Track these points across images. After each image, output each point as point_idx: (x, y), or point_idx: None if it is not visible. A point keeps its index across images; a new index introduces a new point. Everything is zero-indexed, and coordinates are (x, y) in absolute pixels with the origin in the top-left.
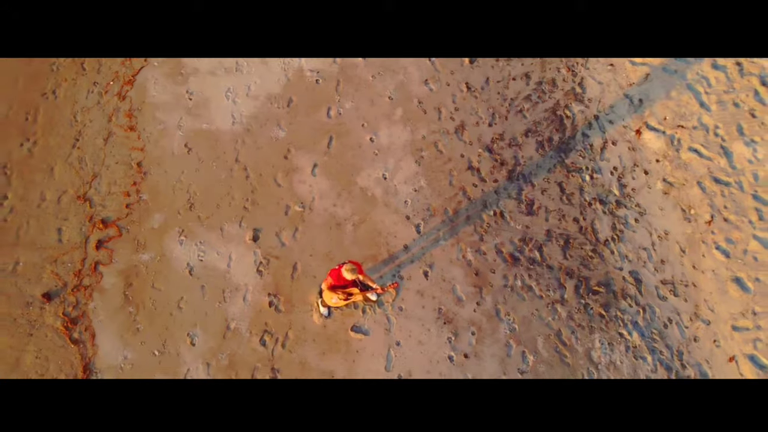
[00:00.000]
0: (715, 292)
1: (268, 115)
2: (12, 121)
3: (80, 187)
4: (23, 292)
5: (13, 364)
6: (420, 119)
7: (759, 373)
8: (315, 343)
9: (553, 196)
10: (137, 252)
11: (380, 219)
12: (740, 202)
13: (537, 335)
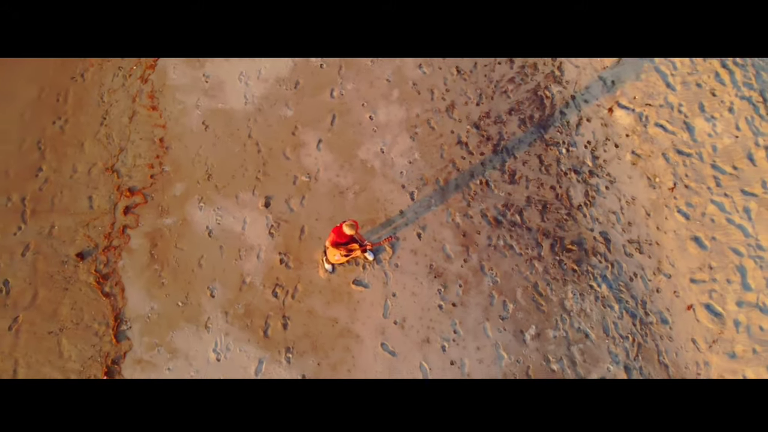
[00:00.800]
0: (675, 249)
1: (277, 96)
2: (44, 102)
3: (108, 160)
4: (58, 252)
5: (51, 314)
6: (414, 99)
7: (713, 319)
8: (321, 294)
9: (533, 166)
10: (161, 217)
11: (378, 188)
12: (700, 171)
13: (516, 287)
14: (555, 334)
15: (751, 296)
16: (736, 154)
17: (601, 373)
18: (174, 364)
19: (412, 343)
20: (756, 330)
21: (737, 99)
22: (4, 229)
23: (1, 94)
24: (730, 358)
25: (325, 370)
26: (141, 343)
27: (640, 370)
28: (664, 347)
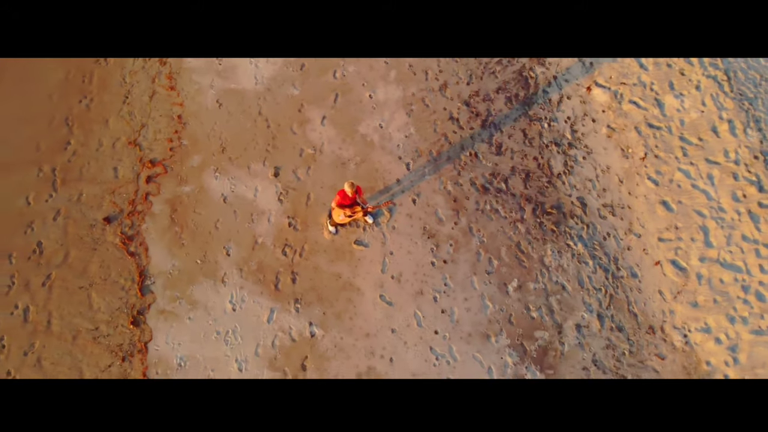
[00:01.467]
0: (645, 212)
1: (284, 76)
2: (71, 82)
3: (131, 135)
4: (87, 216)
5: (81, 271)
6: (410, 80)
7: (678, 273)
8: (326, 253)
9: (517, 140)
10: (180, 185)
11: (377, 159)
12: (669, 142)
13: (501, 245)
14: (535, 287)
15: (712, 252)
16: (701, 127)
17: (576, 320)
18: (194, 314)
19: (407, 294)
20: (717, 282)
21: (704, 78)
22: (37, 196)
23: (31, 77)
24: (693, 307)
25: (330, 318)
26: (164, 296)
27: (611, 318)
28: (634, 298)
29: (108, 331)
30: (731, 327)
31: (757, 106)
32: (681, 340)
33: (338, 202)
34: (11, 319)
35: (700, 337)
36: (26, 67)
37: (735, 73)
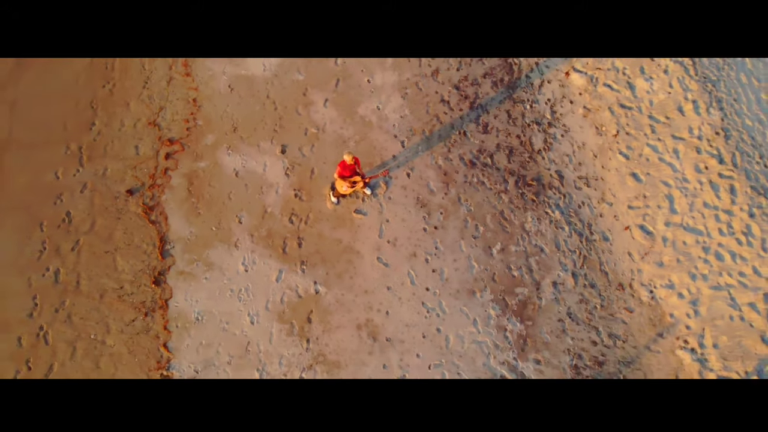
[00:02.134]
0: (616, 183)
1: (290, 64)
2: (94, 68)
3: (150, 116)
4: (111, 189)
5: (106, 238)
6: (405, 66)
7: (645, 236)
8: (328, 221)
9: (502, 120)
10: (196, 161)
11: (375, 137)
12: (639, 120)
13: (486, 213)
14: (516, 249)
15: (677, 218)
16: (668, 106)
17: (552, 278)
18: (210, 275)
19: (401, 256)
20: (680, 244)
21: (671, 63)
22: (65, 171)
23: (58, 63)
24: (659, 266)
25: (332, 277)
26: (182, 258)
27: (585, 276)
28: (605, 259)
29: (132, 290)
30: (693, 283)
31: (719, 88)
32: (647, 295)
33: (339, 172)
34: (43, 280)
35: (665, 292)
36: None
37: (700, 59)
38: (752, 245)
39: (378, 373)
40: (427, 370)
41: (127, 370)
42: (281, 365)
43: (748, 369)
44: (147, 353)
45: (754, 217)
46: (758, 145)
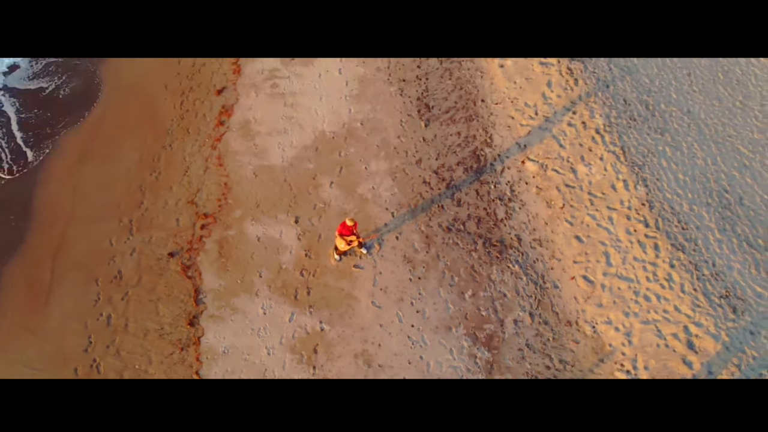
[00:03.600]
0: (563, 244)
1: (303, 156)
2: (144, 161)
3: (189, 197)
4: (156, 252)
5: (150, 290)
6: (395, 157)
7: (587, 284)
8: (332, 274)
9: (472, 196)
10: (226, 230)
11: (371, 210)
12: (580, 196)
13: (460, 267)
14: (484, 294)
15: (612, 269)
16: (604, 185)
17: (513, 317)
18: (235, 317)
19: (391, 301)
20: (615, 290)
21: (606, 152)
22: (118, 239)
23: (114, 156)
24: (599, 307)
25: (335, 317)
26: (213, 305)
27: (539, 315)
28: (556, 302)
29: (171, 330)
30: (626, 320)
31: (644, 170)
32: (590, 330)
33: (339, 231)
34: (97, 323)
35: (604, 327)
36: (111, 149)
37: (628, 148)
38: (673, 289)
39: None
40: None
41: None
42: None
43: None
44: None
45: (674, 267)
46: (676, 213)
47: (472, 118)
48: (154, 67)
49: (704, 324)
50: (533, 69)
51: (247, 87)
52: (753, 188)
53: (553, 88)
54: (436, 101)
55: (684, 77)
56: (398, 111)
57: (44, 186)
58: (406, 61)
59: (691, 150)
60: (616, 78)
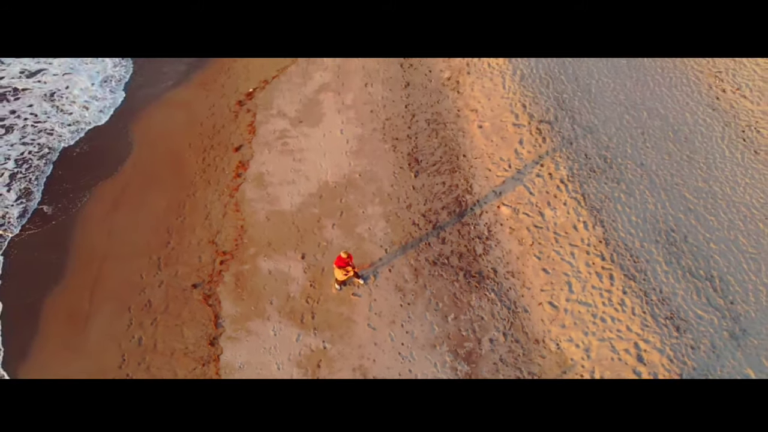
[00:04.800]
0: (532, 275)
1: (309, 202)
2: (170, 208)
3: (210, 237)
4: (181, 285)
5: (176, 315)
6: (389, 202)
7: (552, 309)
8: (334, 301)
9: (455, 235)
10: (242, 265)
11: (367, 247)
12: (547, 235)
13: (444, 295)
14: (464, 317)
15: (574, 296)
16: (567, 226)
17: (489, 336)
18: (249, 338)
19: (384, 323)
20: (576, 313)
21: (569, 198)
22: (148, 273)
23: (145, 203)
24: (562, 327)
25: (335, 338)
26: (230, 328)
27: (512, 335)
28: (526, 324)
29: (194, 349)
30: (585, 338)
31: (601, 213)
32: (555, 346)
33: (336, 263)
34: (130, 344)
35: (567, 344)
36: (141, 197)
37: (588, 195)
38: (625, 312)
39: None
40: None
41: None
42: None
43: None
44: None
45: (626, 294)
46: (629, 249)
47: (455, 170)
48: (180, 127)
49: (651, 341)
50: (507, 129)
51: (261, 145)
52: (696, 228)
53: (524, 145)
54: (424, 156)
55: (638, 135)
56: (391, 164)
57: (83, 229)
58: (399, 122)
59: (643, 196)
60: (578, 136)
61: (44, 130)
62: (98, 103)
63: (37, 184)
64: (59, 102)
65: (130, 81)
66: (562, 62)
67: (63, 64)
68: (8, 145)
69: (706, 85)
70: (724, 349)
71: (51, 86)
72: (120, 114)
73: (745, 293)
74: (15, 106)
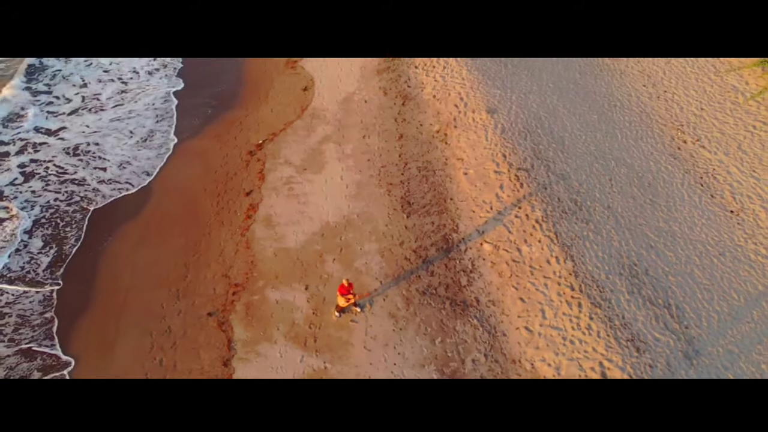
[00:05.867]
0: (510, 304)
1: (313, 240)
2: (187, 245)
3: (224, 271)
4: (197, 313)
5: (193, 340)
6: (383, 240)
7: (528, 333)
8: (334, 327)
9: (442, 269)
10: (252, 295)
11: (364, 279)
12: (523, 269)
13: (432, 321)
14: (450, 341)
15: (546, 322)
16: (541, 260)
17: (472, 357)
18: (258, 360)
19: (379, 346)
20: (548, 336)
21: (543, 236)
22: (167, 303)
23: (164, 242)
24: (536, 349)
25: (335, 358)
26: (241, 350)
27: (492, 355)
28: (504, 346)
29: (209, 369)
30: (556, 358)
31: (572, 250)
32: (530, 366)
33: (340, 291)
34: (152, 364)
35: (540, 364)
36: (161, 236)
37: (560, 234)
38: (591, 335)
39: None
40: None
41: None
42: None
43: None
44: None
45: (592, 319)
46: (595, 280)
47: (443, 211)
48: (196, 174)
49: (614, 360)
50: (489, 176)
51: (270, 190)
52: (656, 262)
53: (504, 189)
54: (416, 199)
55: (606, 182)
56: (386, 206)
57: (109, 265)
58: (393, 169)
59: (609, 234)
60: (552, 182)
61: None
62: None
63: (68, 229)
64: (86, 157)
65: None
66: (539, 117)
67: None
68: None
69: (668, 137)
70: (678, 367)
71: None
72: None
73: (698, 319)
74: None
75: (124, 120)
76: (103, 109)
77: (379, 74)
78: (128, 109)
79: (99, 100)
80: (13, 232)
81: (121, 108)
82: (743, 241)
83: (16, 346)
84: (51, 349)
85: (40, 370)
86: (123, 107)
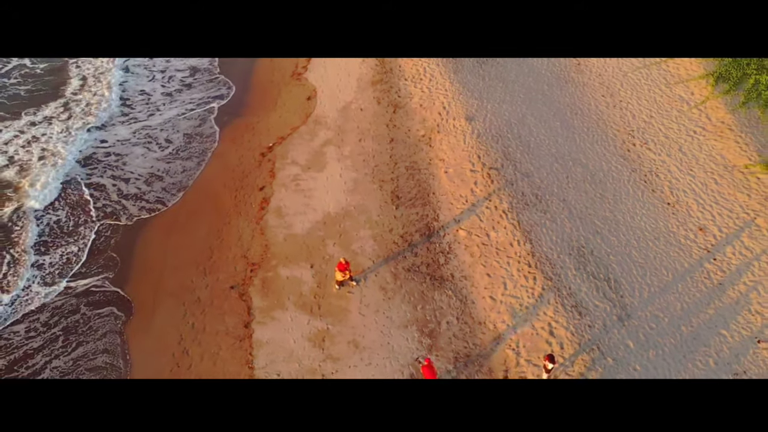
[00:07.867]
0: (479, 278)
1: (316, 228)
2: (211, 232)
3: (242, 253)
4: (221, 286)
5: (219, 307)
6: (376, 227)
7: (492, 301)
8: (334, 297)
9: (423, 250)
10: (266, 272)
11: (359, 259)
12: (491, 250)
13: (415, 291)
14: (429, 307)
15: (507, 292)
16: (505, 243)
17: (447, 319)
18: (273, 323)
19: (371, 311)
20: (508, 303)
21: (508, 224)
22: (197, 278)
23: (191, 230)
24: (498, 313)
25: (335, 321)
26: (259, 316)
27: (463, 318)
28: (473, 311)
29: (233, 330)
30: (513, 320)
31: (531, 235)
32: (492, 326)
33: (338, 267)
34: (185, 327)
35: (501, 325)
36: (188, 225)
37: (522, 222)
38: (543, 302)
39: (359, 363)
40: (381, 359)
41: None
42: (309, 359)
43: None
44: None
45: (544, 290)
46: (549, 259)
47: (426, 204)
48: (216, 172)
49: (560, 321)
50: (466, 174)
51: (279, 186)
52: (601, 245)
53: (478, 185)
54: (403, 193)
55: (564, 179)
56: (378, 200)
57: (145, 250)
58: (384, 168)
59: (562, 222)
60: (518, 179)
61: None
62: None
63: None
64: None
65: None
66: (510, 123)
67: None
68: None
69: (620, 141)
70: (612, 327)
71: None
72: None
73: (632, 290)
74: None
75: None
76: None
77: (374, 85)
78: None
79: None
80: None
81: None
82: (676, 228)
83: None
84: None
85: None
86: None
